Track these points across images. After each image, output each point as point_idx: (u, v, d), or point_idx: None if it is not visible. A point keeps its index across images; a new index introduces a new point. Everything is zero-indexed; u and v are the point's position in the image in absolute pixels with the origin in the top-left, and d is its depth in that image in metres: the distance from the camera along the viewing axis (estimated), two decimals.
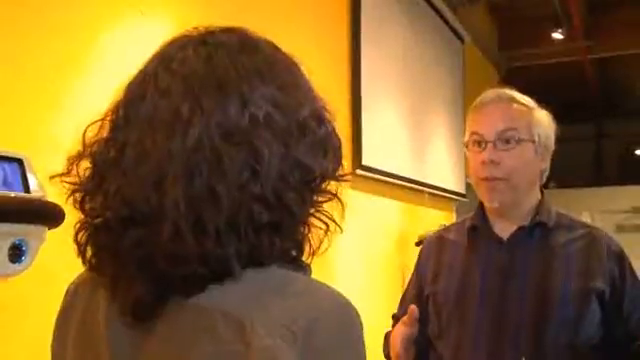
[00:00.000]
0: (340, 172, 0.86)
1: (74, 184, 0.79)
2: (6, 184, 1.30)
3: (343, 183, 2.98)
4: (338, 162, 0.86)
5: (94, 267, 0.79)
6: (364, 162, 4.71)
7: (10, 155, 1.32)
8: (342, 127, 3.63)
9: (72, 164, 0.79)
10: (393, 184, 5.25)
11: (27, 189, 1.31)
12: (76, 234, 0.80)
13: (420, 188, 5.65)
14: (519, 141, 1.66)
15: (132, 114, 0.78)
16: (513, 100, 1.71)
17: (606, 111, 11.36)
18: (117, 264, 0.76)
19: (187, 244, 0.72)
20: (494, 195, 1.69)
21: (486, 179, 1.68)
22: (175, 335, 0.75)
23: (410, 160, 5.55)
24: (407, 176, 5.37)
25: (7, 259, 1.31)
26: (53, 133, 1.59)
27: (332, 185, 0.83)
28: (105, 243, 0.77)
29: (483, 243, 1.74)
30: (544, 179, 1.77)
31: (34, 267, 1.32)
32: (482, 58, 8.92)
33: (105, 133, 0.79)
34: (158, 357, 0.76)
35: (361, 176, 4.73)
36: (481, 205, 1.76)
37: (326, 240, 0.83)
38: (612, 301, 1.64)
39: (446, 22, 6.71)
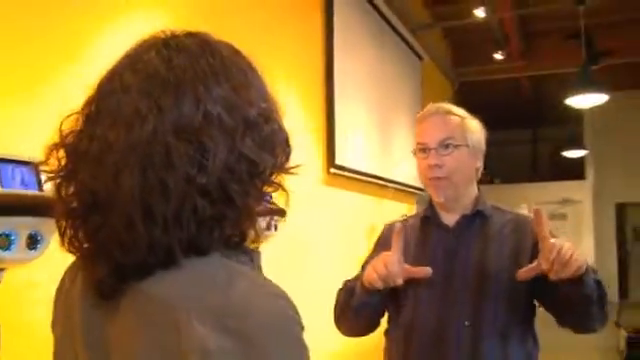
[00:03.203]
0: (288, 165, 0.79)
1: (52, 172, 0.74)
2: (23, 184, 1.26)
3: (319, 181, 2.93)
4: (286, 156, 0.79)
5: (71, 250, 0.74)
6: (337, 162, 4.68)
7: (26, 159, 1.28)
8: (318, 131, 3.65)
9: (49, 154, 0.74)
10: (362, 181, 5.22)
11: (41, 188, 1.27)
12: (57, 219, 0.74)
13: (385, 184, 5.65)
14: (456, 146, 1.68)
15: (101, 109, 0.73)
16: (449, 112, 1.74)
17: (539, 119, 11.50)
18: (85, 248, 0.72)
19: (138, 232, 0.67)
20: (439, 192, 1.72)
21: (432, 179, 1.71)
22: (128, 318, 0.70)
23: (377, 160, 5.53)
24: (374, 173, 5.36)
25: (25, 247, 1.28)
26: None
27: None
28: (77, 228, 0.72)
29: (434, 230, 1.76)
30: (479, 176, 1.79)
31: (46, 254, 1.28)
32: (439, 74, 8.94)
33: (78, 126, 0.74)
34: (118, 338, 0.71)
35: (334, 174, 4.69)
36: (431, 200, 1.79)
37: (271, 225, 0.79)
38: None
39: (407, 43, 6.70)
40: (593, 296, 1.50)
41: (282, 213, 2.85)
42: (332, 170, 4.66)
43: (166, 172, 0.67)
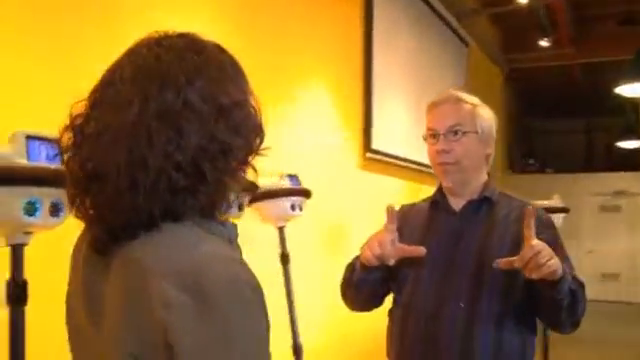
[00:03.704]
0: (258, 147, 0.92)
1: (63, 149, 0.88)
2: (48, 158, 1.42)
3: (355, 165, 3.06)
4: (260, 140, 0.91)
5: (78, 216, 0.87)
6: (373, 146, 4.76)
7: (50, 137, 1.43)
8: (355, 117, 3.77)
9: (62, 134, 0.87)
10: (399, 165, 5.28)
11: (63, 162, 1.43)
12: (67, 188, 0.88)
13: (421, 168, 5.69)
14: (464, 133, 1.72)
15: (102, 96, 0.86)
16: (459, 100, 1.77)
17: (594, 108, 11.17)
18: (90, 214, 0.85)
19: (124, 199, 0.80)
20: (447, 177, 1.76)
21: (440, 164, 1.75)
22: (115, 278, 0.82)
23: (413, 145, 5.57)
24: (413, 159, 5.41)
25: (48, 214, 1.44)
26: None
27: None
28: (83, 197, 0.85)
29: (441, 214, 1.81)
30: (490, 162, 1.82)
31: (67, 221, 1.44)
32: (487, 60, 8.82)
33: (85, 110, 0.87)
34: (109, 295, 0.83)
35: (370, 158, 4.78)
36: (440, 185, 1.83)
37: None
38: None
39: (452, 29, 6.66)
40: (563, 302, 1.54)
41: (307, 194, 2.97)
42: (368, 154, 4.75)
43: (147, 149, 0.80)
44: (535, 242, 1.48)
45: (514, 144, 11.14)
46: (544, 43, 7.77)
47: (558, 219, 4.07)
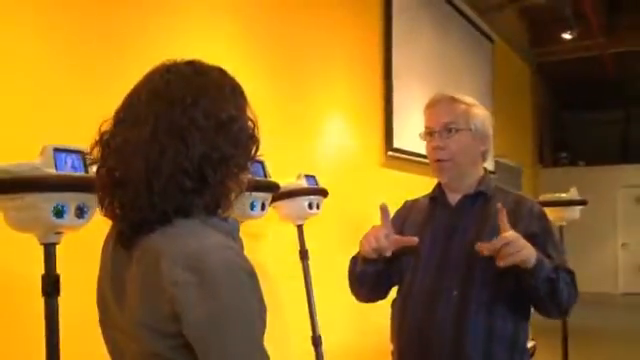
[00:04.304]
0: (255, 154, 1.08)
1: (93, 160, 1.05)
2: (73, 167, 1.61)
3: (377, 163, 3.22)
4: (255, 148, 1.08)
5: (107, 215, 1.05)
6: (395, 145, 4.88)
7: (75, 148, 1.64)
8: (376, 117, 3.92)
9: (92, 148, 1.05)
10: (422, 163, 5.36)
11: (87, 171, 1.61)
12: (97, 193, 1.06)
13: None
14: (458, 130, 1.80)
15: (125, 116, 1.04)
16: (454, 100, 1.85)
17: (631, 99, 10.98)
18: (116, 214, 1.03)
19: (143, 199, 0.98)
20: (443, 173, 1.85)
21: (436, 161, 1.83)
22: (134, 266, 1.00)
23: None
24: None
25: (75, 216, 1.63)
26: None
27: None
28: (111, 199, 1.03)
29: (439, 208, 1.89)
30: (486, 159, 1.90)
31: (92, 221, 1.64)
32: (514, 55, 8.82)
33: (111, 126, 1.05)
34: (130, 281, 1.01)
35: (391, 156, 4.90)
36: (439, 181, 1.92)
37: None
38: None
39: (475, 25, 6.71)
40: (541, 290, 1.64)
41: (324, 193, 3.12)
42: (390, 153, 4.87)
43: (160, 159, 0.98)
44: (508, 233, 1.60)
45: (545, 138, 11.07)
46: (569, 36, 7.70)
47: (575, 212, 4.13)
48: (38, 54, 2.18)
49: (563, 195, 4.18)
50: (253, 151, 1.08)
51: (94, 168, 1.07)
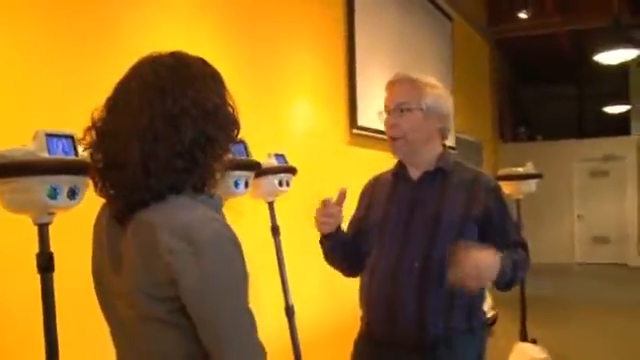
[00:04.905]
0: (236, 137, 1.22)
1: (87, 145, 1.16)
2: (64, 151, 1.71)
3: (342, 141, 3.40)
4: (237, 132, 1.21)
5: (101, 195, 1.17)
6: (359, 123, 5.04)
7: (67, 133, 1.73)
8: (340, 95, 4.12)
9: (85, 133, 1.16)
10: (384, 139, 5.53)
11: (77, 154, 1.70)
12: (91, 176, 1.18)
13: None
14: (409, 109, 1.91)
15: (117, 103, 1.14)
16: (409, 80, 1.95)
17: (584, 75, 11.35)
18: (110, 193, 1.15)
19: (140, 180, 1.10)
20: (396, 149, 1.97)
21: (390, 138, 1.97)
22: (130, 237, 1.12)
23: None
24: None
25: (67, 197, 1.73)
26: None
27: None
28: (104, 180, 1.14)
29: (401, 184, 2.01)
30: (446, 136, 2.01)
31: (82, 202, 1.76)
32: (473, 33, 9.03)
33: (103, 114, 1.15)
34: (125, 251, 1.12)
35: (357, 134, 5.06)
36: None
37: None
38: (486, 222, 1.88)
39: (434, 4, 6.86)
40: (500, 285, 1.84)
41: (293, 171, 3.27)
42: (354, 131, 5.03)
43: (156, 144, 1.10)
44: (468, 268, 1.68)
45: (505, 113, 11.37)
46: (525, 15, 7.93)
47: (531, 185, 4.35)
48: (29, 45, 2.27)
49: (520, 169, 4.39)
50: (235, 134, 1.21)
51: (86, 152, 1.18)
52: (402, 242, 1.90)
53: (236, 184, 2.54)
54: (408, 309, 1.84)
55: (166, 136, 1.10)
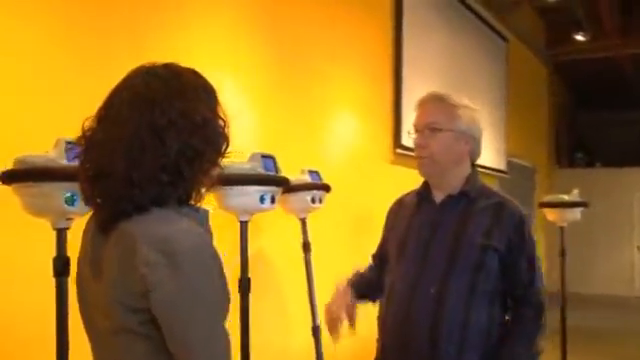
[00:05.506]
0: (225, 152, 1.19)
1: (77, 154, 1.17)
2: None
3: (385, 160, 3.38)
4: (226, 146, 1.19)
5: (88, 204, 1.17)
6: (403, 143, 5.00)
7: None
8: (384, 113, 4.12)
9: (77, 142, 1.16)
10: None
11: None
12: (80, 183, 1.17)
13: None
14: (440, 130, 1.87)
15: (107, 113, 1.14)
16: (441, 99, 1.92)
17: None
18: (97, 203, 1.15)
19: (123, 190, 1.09)
20: (423, 169, 1.94)
21: (418, 157, 1.93)
22: (111, 246, 1.10)
23: None
24: None
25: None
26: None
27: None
28: (92, 190, 1.14)
29: (424, 206, 1.97)
30: (475, 159, 1.96)
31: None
32: (530, 55, 8.85)
33: (94, 123, 1.15)
34: (106, 259, 1.11)
35: (400, 154, 5.02)
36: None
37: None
38: (507, 256, 1.83)
39: (488, 25, 6.77)
40: None
41: (327, 188, 3.26)
42: (398, 150, 4.99)
43: (141, 155, 1.09)
44: None
45: (562, 138, 11.07)
46: (582, 37, 7.71)
47: (576, 213, 4.21)
48: (53, 54, 2.35)
49: (565, 197, 4.25)
50: (223, 148, 1.19)
51: (78, 161, 1.16)
52: (420, 266, 1.86)
53: (262, 199, 2.55)
54: (421, 335, 1.81)
55: (152, 147, 1.09)
